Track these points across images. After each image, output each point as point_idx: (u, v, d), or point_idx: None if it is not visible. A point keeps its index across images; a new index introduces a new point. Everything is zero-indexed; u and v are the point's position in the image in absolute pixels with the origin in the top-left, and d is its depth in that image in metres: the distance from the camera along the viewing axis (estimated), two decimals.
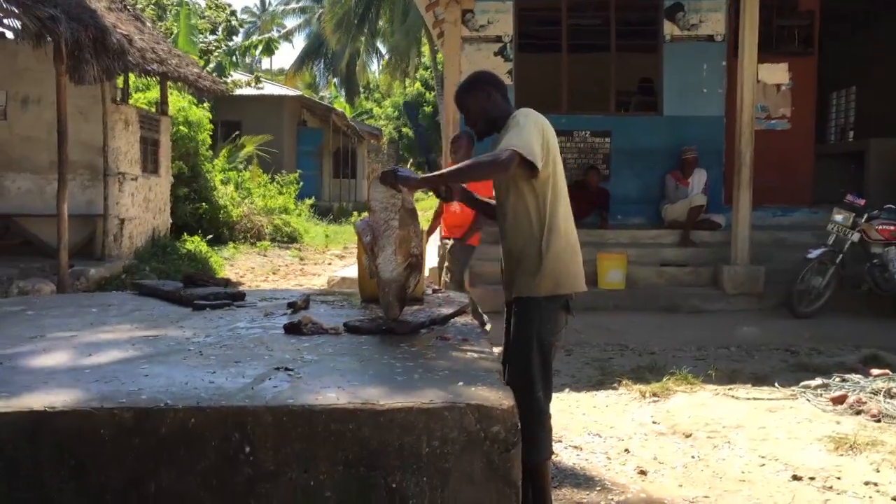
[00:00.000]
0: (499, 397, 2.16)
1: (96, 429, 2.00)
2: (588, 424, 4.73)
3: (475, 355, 2.66)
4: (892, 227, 7.51)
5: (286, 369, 2.37)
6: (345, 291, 4.46)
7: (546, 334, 3.20)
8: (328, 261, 14.39)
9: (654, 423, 4.73)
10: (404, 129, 42.65)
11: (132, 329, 3.03)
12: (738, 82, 8.16)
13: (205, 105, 15.02)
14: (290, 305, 3.43)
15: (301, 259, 14.18)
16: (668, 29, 9.89)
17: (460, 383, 2.26)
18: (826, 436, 4.33)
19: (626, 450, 4.30)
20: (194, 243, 12.23)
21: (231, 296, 3.64)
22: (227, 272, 11.91)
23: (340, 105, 34.19)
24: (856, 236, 7.51)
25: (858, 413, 4.69)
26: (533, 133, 3.07)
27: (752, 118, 8.09)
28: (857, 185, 10.69)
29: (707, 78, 9.76)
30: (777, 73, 9.71)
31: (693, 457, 4.19)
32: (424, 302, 3.62)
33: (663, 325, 7.60)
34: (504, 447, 2.12)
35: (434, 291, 4.03)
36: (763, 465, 4.05)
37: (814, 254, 7.52)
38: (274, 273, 12.36)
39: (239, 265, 12.77)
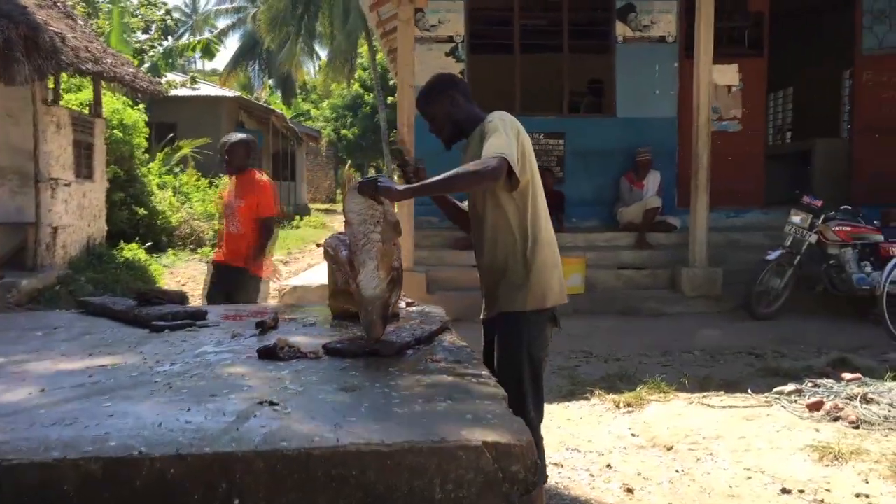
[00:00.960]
0: (515, 432, 1.95)
1: (59, 483, 1.72)
2: (565, 438, 4.55)
3: (473, 380, 2.43)
4: (848, 228, 7.54)
5: (271, 403, 2.11)
6: (309, 305, 4.19)
7: (536, 350, 3.02)
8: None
9: (632, 435, 4.58)
10: (343, 131, 42.19)
11: (86, 356, 2.72)
12: (693, 83, 8.10)
13: (140, 107, 14.47)
14: (259, 325, 3.15)
15: None
16: (621, 30, 9.84)
17: (469, 416, 2.03)
18: (808, 445, 4.24)
19: (609, 465, 4.14)
20: (132, 251, 11.74)
21: (191, 315, 3.34)
22: (167, 281, 11.45)
23: (277, 106, 33.60)
24: (813, 237, 7.52)
25: (836, 419, 4.61)
26: (512, 138, 2.88)
27: (709, 120, 8.06)
28: (803, 185, 10.83)
29: (659, 79, 9.73)
30: (728, 75, 9.71)
31: (677, 471, 4.05)
32: (400, 317, 3.39)
33: (625, 329, 7.50)
34: (524, 488, 1.90)
35: (408, 305, 3.80)
36: (749, 478, 3.93)
37: (772, 256, 7.51)
38: None
39: (180, 273, 12.30)
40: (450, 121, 3.11)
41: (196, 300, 10.19)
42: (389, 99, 36.91)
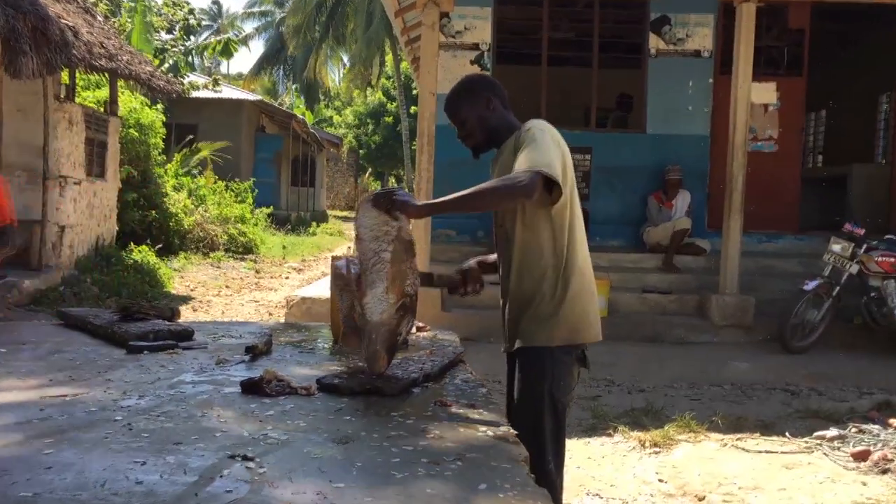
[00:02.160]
0: None
1: None
2: (585, 481, 4.15)
3: (489, 433, 2.06)
4: (892, 260, 7.09)
5: (244, 458, 1.74)
6: (311, 325, 3.83)
7: (560, 393, 2.63)
8: (285, 274, 13.69)
9: (659, 480, 4.18)
10: (365, 138, 42.04)
11: (46, 382, 2.37)
12: (731, 101, 7.69)
13: (158, 107, 14.24)
14: (249, 350, 2.79)
15: (257, 272, 13.45)
16: (654, 43, 9.44)
17: (483, 486, 1.66)
18: (856, 502, 3.82)
19: None
20: (142, 253, 11.44)
21: (175, 335, 2.98)
22: (176, 285, 11.16)
23: (300, 111, 33.45)
24: (854, 268, 7.08)
25: (885, 472, 4.19)
26: (552, 149, 2.51)
27: (746, 140, 7.65)
28: (838, 212, 10.38)
29: (693, 95, 9.33)
30: (765, 93, 9.29)
31: None
32: (409, 345, 3.03)
33: (649, 357, 7.08)
34: None
35: (418, 330, 3.43)
36: None
37: (810, 286, 7.07)
38: (227, 287, 11.62)
39: (190, 277, 12.00)
40: (482, 127, 2.74)
41: (203, 307, 9.89)
42: (413, 109, 36.73)
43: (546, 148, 2.49)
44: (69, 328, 3.30)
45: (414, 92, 36.30)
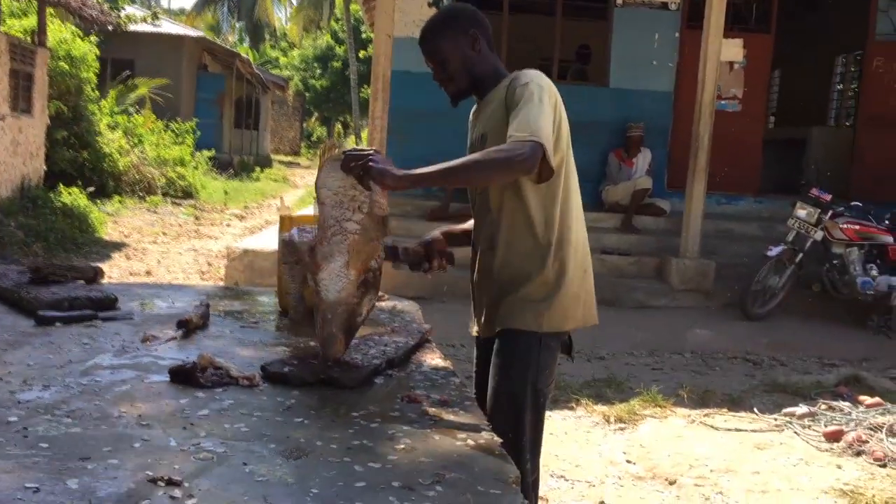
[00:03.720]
0: None
1: None
2: (549, 461, 3.86)
3: (469, 441, 1.71)
4: (857, 227, 6.92)
5: (169, 482, 1.37)
6: (254, 290, 3.43)
7: (542, 384, 2.32)
8: (227, 221, 13.13)
9: (627, 461, 3.92)
10: (312, 82, 40.95)
11: None
12: (700, 56, 7.36)
13: (91, 39, 13.34)
14: (181, 325, 2.39)
15: (196, 218, 12.85)
16: None
17: None
18: (833, 487, 3.63)
19: (602, 502, 3.47)
20: (72, 196, 10.76)
21: (95, 303, 2.56)
22: (109, 230, 10.55)
23: (244, 51, 32.29)
24: (819, 234, 6.89)
25: (859, 454, 4.01)
26: (549, 115, 2.13)
27: (714, 97, 7.34)
28: (794, 175, 10.25)
29: (658, 49, 8.99)
30: (731, 50, 8.96)
31: None
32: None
33: (608, 322, 6.75)
34: None
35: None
36: None
37: (774, 252, 6.87)
38: (164, 233, 11.05)
39: (125, 223, 11.38)
40: (466, 70, 2.33)
41: (137, 254, 9.34)
42: (362, 53, 35.78)
43: (547, 112, 2.12)
44: None
45: (363, 36, 35.34)
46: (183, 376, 1.92)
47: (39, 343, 2.18)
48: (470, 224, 2.56)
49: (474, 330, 2.50)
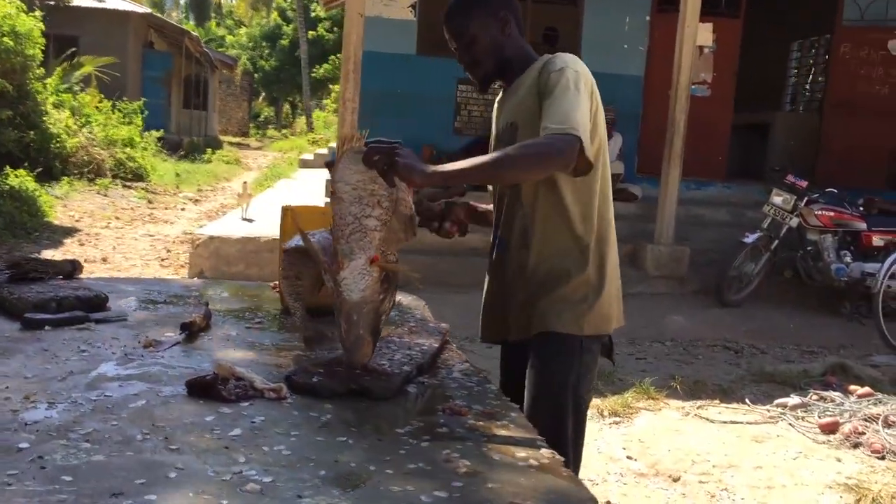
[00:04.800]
0: None
1: None
2: None
3: (531, 460, 1.57)
4: (831, 214, 6.95)
5: None
6: (248, 285, 3.23)
7: (584, 389, 2.18)
8: (181, 205, 12.74)
9: (628, 457, 3.83)
10: (260, 62, 40.21)
11: None
12: (676, 40, 7.27)
13: (35, 14, 12.76)
14: (185, 327, 2.20)
15: (149, 202, 12.45)
16: None
17: None
18: (836, 482, 3.59)
19: (609, 502, 3.37)
20: (19, 178, 10.27)
21: (85, 303, 2.34)
22: (59, 214, 10.12)
23: (190, 28, 31.46)
24: (794, 221, 6.90)
25: (856, 446, 3.99)
26: (586, 104, 1.98)
27: (689, 82, 7.28)
28: (757, 160, 10.30)
29: (629, 33, 8.91)
30: (702, 35, 8.90)
31: None
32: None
33: None
34: None
35: None
36: None
37: (750, 238, 6.87)
38: (117, 217, 10.65)
39: (74, 206, 10.94)
40: (496, 54, 2.17)
41: (90, 240, 8.97)
42: (311, 33, 35.21)
43: (584, 101, 1.97)
44: None
45: (313, 14, 34.75)
46: (202, 389, 1.74)
47: (32, 351, 1.97)
48: (491, 207, 2.41)
49: (492, 335, 2.37)
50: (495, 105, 2.35)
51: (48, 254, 7.50)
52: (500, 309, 2.32)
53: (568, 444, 2.12)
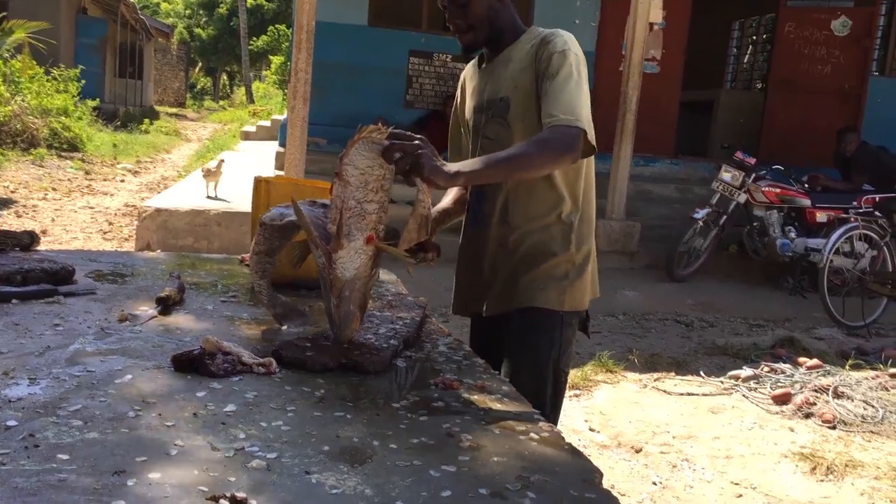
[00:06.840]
0: None
1: None
2: None
3: (531, 433, 1.57)
4: (777, 190, 7.11)
5: (233, 501, 1.16)
6: (214, 257, 3.14)
7: (564, 363, 2.19)
8: (120, 176, 12.39)
9: (590, 429, 3.88)
10: (197, 30, 39.24)
11: None
12: (629, 16, 7.31)
13: None
14: (160, 301, 2.13)
15: (87, 172, 12.06)
16: None
17: None
18: (791, 451, 3.69)
19: None
20: None
21: (52, 275, 2.25)
22: None
23: None
24: (742, 197, 7.04)
25: (808, 416, 4.11)
26: (587, 92, 2.01)
27: (642, 59, 7.33)
28: (701, 137, 10.47)
29: (581, 8, 8.91)
30: (652, 11, 8.97)
31: (655, 483, 3.39)
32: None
33: None
34: None
35: None
36: (740, 495, 3.32)
37: (700, 214, 6.99)
38: (54, 189, 10.31)
39: (8, 177, 10.54)
40: (489, 22, 2.14)
41: (28, 212, 8.66)
42: (249, 2, 34.49)
43: (586, 89, 1.98)
44: None
45: None
46: (190, 364, 1.69)
47: (2, 325, 1.89)
48: (454, 193, 2.38)
49: (465, 308, 2.36)
50: (473, 73, 2.32)
51: None
52: (476, 283, 2.30)
53: (545, 416, 2.13)
